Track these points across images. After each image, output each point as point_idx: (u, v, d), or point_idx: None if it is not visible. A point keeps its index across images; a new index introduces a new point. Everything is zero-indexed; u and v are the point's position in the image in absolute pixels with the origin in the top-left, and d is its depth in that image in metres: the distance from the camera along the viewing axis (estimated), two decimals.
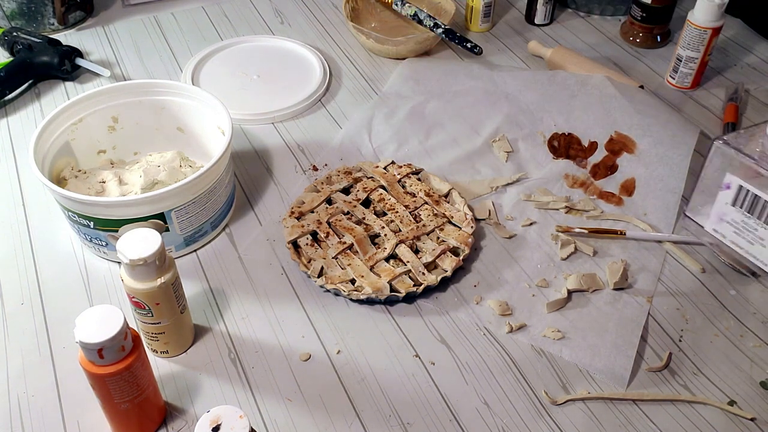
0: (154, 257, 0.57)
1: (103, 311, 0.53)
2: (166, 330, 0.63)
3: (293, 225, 0.75)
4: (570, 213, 0.80)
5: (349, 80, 0.99)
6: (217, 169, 0.71)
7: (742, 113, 0.93)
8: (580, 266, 0.74)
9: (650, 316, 0.69)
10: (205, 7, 1.13)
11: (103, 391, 0.54)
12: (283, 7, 1.14)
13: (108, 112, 0.80)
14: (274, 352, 0.66)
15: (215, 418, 0.47)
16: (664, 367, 0.65)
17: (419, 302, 0.70)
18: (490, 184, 0.83)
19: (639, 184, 0.82)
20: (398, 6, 1.03)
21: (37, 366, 0.65)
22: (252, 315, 0.69)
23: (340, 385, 0.64)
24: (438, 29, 0.99)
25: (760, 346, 0.67)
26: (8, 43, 0.99)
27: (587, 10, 1.13)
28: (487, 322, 0.69)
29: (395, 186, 0.79)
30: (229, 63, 1.01)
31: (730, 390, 0.64)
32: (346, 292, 0.69)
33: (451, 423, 0.61)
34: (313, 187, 0.80)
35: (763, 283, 0.73)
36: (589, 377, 0.64)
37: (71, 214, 0.70)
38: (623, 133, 0.88)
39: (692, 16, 0.93)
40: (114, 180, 0.77)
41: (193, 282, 0.72)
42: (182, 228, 0.72)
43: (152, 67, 1.01)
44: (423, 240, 0.74)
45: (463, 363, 0.65)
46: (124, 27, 1.09)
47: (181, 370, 0.65)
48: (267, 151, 0.88)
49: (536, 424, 0.61)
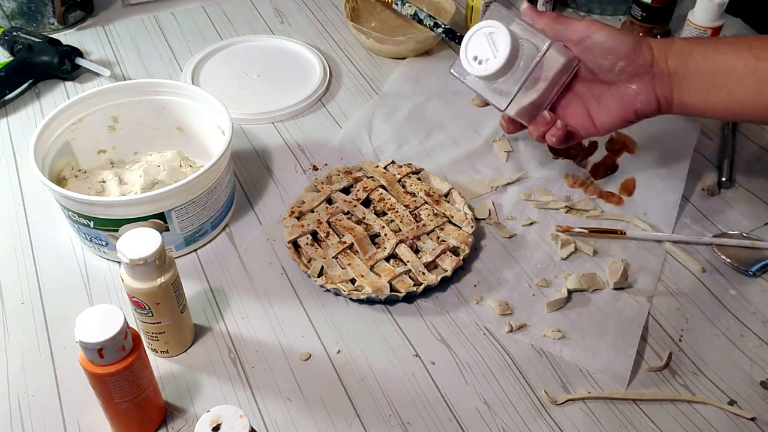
0: (154, 257, 0.57)
1: (103, 311, 0.53)
2: (166, 330, 0.63)
3: (293, 225, 0.75)
4: (570, 213, 0.80)
5: (349, 80, 0.99)
6: (217, 168, 0.71)
7: None
8: (580, 266, 0.74)
9: (650, 316, 0.69)
10: (205, 7, 1.13)
11: (103, 390, 0.55)
12: (283, 7, 1.14)
13: (108, 111, 0.80)
14: (274, 352, 0.66)
15: (215, 417, 0.47)
16: (664, 366, 0.65)
17: (419, 302, 0.70)
18: (490, 184, 0.83)
19: (639, 184, 0.82)
20: (398, 6, 1.03)
21: (37, 366, 0.65)
22: (252, 315, 0.69)
23: (340, 384, 0.64)
24: (438, 29, 0.99)
25: (760, 346, 0.67)
26: (8, 43, 0.99)
27: (587, 10, 1.13)
28: (487, 321, 0.69)
29: (395, 186, 0.79)
30: (229, 63, 1.01)
31: (730, 390, 0.64)
32: (346, 291, 0.69)
33: (451, 423, 0.61)
34: (313, 186, 0.80)
35: (762, 283, 0.73)
36: (589, 377, 0.64)
37: (71, 214, 0.70)
38: (623, 133, 0.88)
39: (692, 16, 0.93)
40: (114, 180, 0.77)
41: (193, 282, 0.72)
42: (182, 228, 0.72)
43: (152, 67, 1.01)
44: (423, 240, 0.74)
45: (463, 363, 0.65)
46: (124, 27, 1.08)
47: (181, 370, 0.65)
48: (267, 151, 0.88)
49: (536, 424, 0.61)
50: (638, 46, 0.66)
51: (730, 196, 0.82)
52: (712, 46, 0.65)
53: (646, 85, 0.67)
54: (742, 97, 0.64)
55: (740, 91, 0.64)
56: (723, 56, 0.64)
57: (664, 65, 0.66)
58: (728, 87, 0.65)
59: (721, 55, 0.64)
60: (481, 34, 0.67)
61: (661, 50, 0.66)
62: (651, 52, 0.66)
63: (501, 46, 0.66)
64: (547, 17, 0.67)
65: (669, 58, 0.66)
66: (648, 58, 0.66)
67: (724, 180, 0.83)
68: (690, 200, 0.81)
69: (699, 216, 0.79)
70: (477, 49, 0.68)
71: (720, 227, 0.78)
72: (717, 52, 0.65)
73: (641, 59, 0.66)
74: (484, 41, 0.67)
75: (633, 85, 0.67)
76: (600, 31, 0.66)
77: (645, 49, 0.66)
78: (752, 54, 0.63)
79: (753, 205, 0.81)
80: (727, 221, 0.79)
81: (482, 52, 0.67)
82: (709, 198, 0.82)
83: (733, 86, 0.64)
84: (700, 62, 0.65)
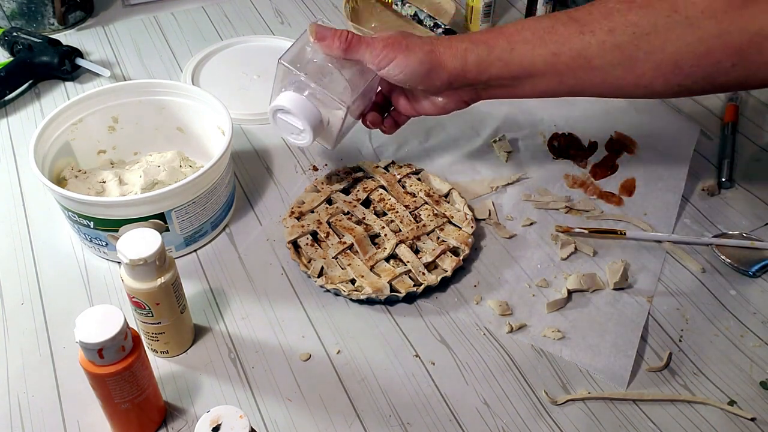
0: (154, 257, 0.57)
1: (103, 311, 0.53)
2: (166, 330, 0.63)
3: (293, 225, 0.75)
4: (570, 213, 0.80)
5: None
6: (217, 169, 0.71)
7: (742, 113, 0.93)
8: (580, 266, 0.74)
9: (650, 316, 0.69)
10: (205, 7, 1.13)
11: (103, 391, 0.55)
12: (283, 7, 1.14)
13: (108, 112, 0.80)
14: (274, 352, 0.66)
15: (215, 418, 0.47)
16: (664, 367, 0.65)
17: (419, 302, 0.70)
18: (490, 184, 0.83)
19: (639, 184, 0.82)
20: (398, 6, 1.03)
21: (37, 366, 0.65)
22: (252, 315, 0.69)
23: (340, 385, 0.64)
24: (438, 29, 0.99)
25: (760, 346, 0.67)
26: (8, 43, 0.99)
27: None
28: (487, 322, 0.69)
29: (395, 186, 0.79)
30: (229, 63, 1.01)
31: (730, 390, 0.64)
32: (346, 292, 0.69)
33: (451, 423, 0.61)
34: (313, 187, 0.80)
35: (762, 283, 0.73)
36: (589, 377, 0.64)
37: (71, 214, 0.70)
38: (623, 133, 0.88)
39: None
40: (114, 180, 0.77)
41: (193, 282, 0.72)
42: (182, 228, 0.72)
43: (152, 67, 1.01)
44: (423, 240, 0.74)
45: (463, 363, 0.65)
46: (124, 27, 1.09)
47: (181, 370, 0.65)
48: (267, 151, 0.88)
49: (536, 424, 0.61)
50: (431, 71, 0.66)
51: (730, 196, 0.82)
52: (508, 47, 0.66)
53: (451, 96, 0.70)
54: (546, 88, 0.67)
55: (542, 84, 0.67)
56: (520, 57, 0.65)
57: (463, 79, 0.67)
58: (531, 83, 0.67)
59: (518, 56, 0.65)
60: (281, 118, 0.72)
61: (456, 66, 0.66)
62: (446, 72, 0.66)
63: (302, 125, 0.70)
64: (337, 49, 0.68)
65: (467, 72, 0.67)
66: (444, 79, 0.67)
67: (724, 180, 0.83)
68: (690, 200, 0.81)
69: (699, 216, 0.79)
70: (286, 128, 0.72)
71: (720, 227, 0.78)
72: (514, 53, 0.65)
73: (438, 82, 0.67)
74: (287, 122, 0.72)
75: (439, 98, 0.71)
76: (391, 63, 0.66)
77: (439, 71, 0.66)
78: (547, 50, 0.64)
79: (753, 205, 0.81)
80: (727, 221, 0.79)
81: (292, 129, 0.72)
82: (709, 198, 0.82)
83: (536, 82, 0.67)
84: (499, 67, 0.66)
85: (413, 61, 0.66)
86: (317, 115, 0.70)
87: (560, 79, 0.66)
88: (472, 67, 0.66)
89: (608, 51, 0.63)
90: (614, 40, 0.63)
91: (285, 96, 0.70)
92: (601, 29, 0.63)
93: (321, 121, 0.71)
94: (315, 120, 0.70)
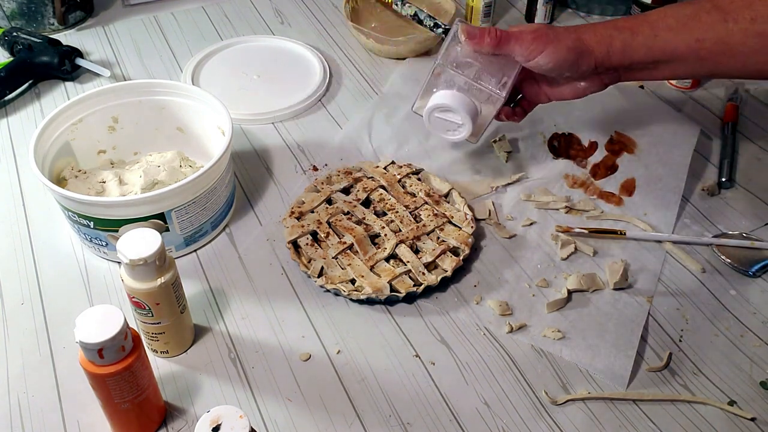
0: (154, 257, 0.57)
1: (103, 311, 0.53)
2: (166, 330, 0.63)
3: (293, 225, 0.75)
4: (570, 213, 0.80)
5: (349, 80, 0.99)
6: (217, 169, 0.71)
7: (742, 113, 0.93)
8: (580, 266, 0.74)
9: (650, 316, 0.69)
10: (205, 7, 1.13)
11: (103, 391, 0.55)
12: (283, 7, 1.14)
13: (108, 112, 0.80)
14: (274, 352, 0.66)
15: (215, 418, 0.47)
16: (664, 367, 0.65)
17: (419, 302, 0.70)
18: (490, 184, 0.83)
19: (639, 184, 0.82)
20: (398, 6, 1.03)
21: (37, 366, 0.65)
22: (252, 315, 0.69)
23: (340, 385, 0.64)
24: (438, 29, 0.99)
25: (760, 346, 0.67)
26: (8, 43, 0.99)
27: (587, 10, 1.13)
28: (487, 322, 0.69)
29: (395, 186, 0.79)
30: (229, 63, 1.01)
31: (730, 390, 0.64)
32: (346, 292, 0.69)
33: (451, 423, 0.61)
34: (313, 187, 0.80)
35: (762, 283, 0.73)
36: (589, 377, 0.64)
37: (71, 214, 0.70)
38: (623, 133, 0.88)
39: None
40: (114, 180, 0.77)
41: (193, 282, 0.72)
42: (182, 228, 0.72)
43: (152, 67, 1.01)
44: (423, 240, 0.74)
45: (463, 363, 0.65)
46: (124, 27, 1.09)
47: (181, 370, 0.65)
48: (267, 151, 0.88)
49: (536, 424, 0.61)
50: (580, 57, 0.69)
51: (730, 196, 0.82)
52: (652, 33, 0.68)
53: (594, 80, 0.73)
54: (685, 71, 0.71)
55: (682, 68, 0.70)
56: (664, 44, 0.68)
57: (608, 63, 0.70)
58: (671, 67, 0.70)
59: (661, 42, 0.68)
60: (438, 117, 0.75)
61: (602, 51, 0.69)
62: (593, 57, 0.69)
63: (461, 120, 0.73)
64: (488, 45, 0.70)
65: (612, 56, 0.69)
66: (591, 64, 0.69)
67: (724, 180, 0.83)
68: (690, 200, 0.81)
69: (699, 216, 0.79)
70: (442, 126, 0.75)
71: (720, 227, 0.78)
72: (657, 39, 0.68)
73: (584, 67, 0.70)
74: (443, 120, 0.75)
75: (582, 83, 0.73)
76: (540, 55, 0.69)
77: (586, 57, 0.69)
78: (692, 36, 0.67)
79: (753, 205, 0.81)
80: (727, 221, 0.79)
81: (449, 126, 0.75)
82: (709, 198, 0.82)
83: (676, 66, 0.69)
84: (642, 53, 0.69)
85: (562, 50, 0.68)
86: (475, 109, 0.74)
87: (701, 64, 0.68)
88: (617, 52, 0.69)
89: (750, 38, 0.65)
90: (756, 28, 0.65)
91: (443, 94, 0.73)
92: (744, 18, 0.65)
93: (477, 114, 0.74)
94: (474, 114, 0.73)
